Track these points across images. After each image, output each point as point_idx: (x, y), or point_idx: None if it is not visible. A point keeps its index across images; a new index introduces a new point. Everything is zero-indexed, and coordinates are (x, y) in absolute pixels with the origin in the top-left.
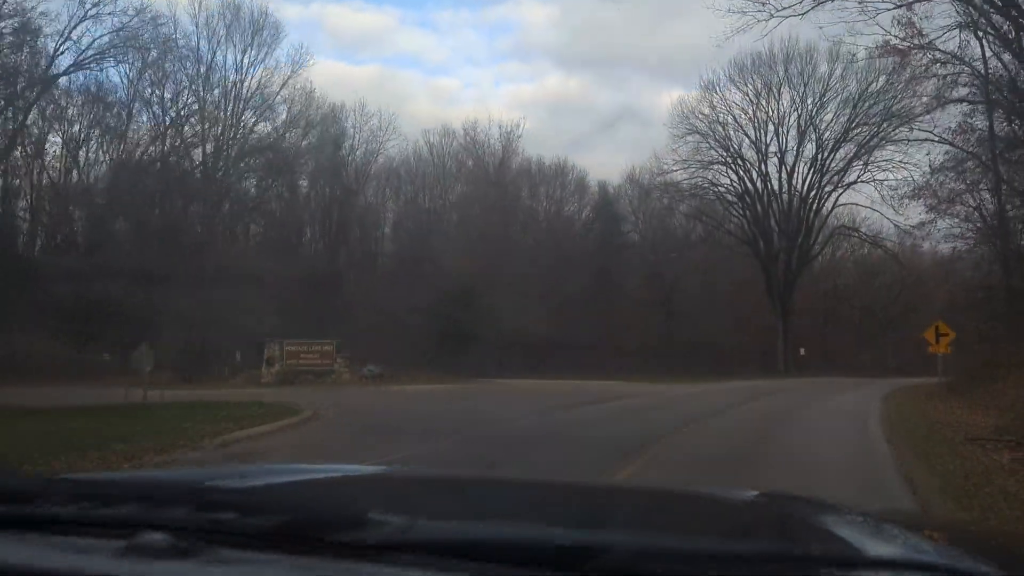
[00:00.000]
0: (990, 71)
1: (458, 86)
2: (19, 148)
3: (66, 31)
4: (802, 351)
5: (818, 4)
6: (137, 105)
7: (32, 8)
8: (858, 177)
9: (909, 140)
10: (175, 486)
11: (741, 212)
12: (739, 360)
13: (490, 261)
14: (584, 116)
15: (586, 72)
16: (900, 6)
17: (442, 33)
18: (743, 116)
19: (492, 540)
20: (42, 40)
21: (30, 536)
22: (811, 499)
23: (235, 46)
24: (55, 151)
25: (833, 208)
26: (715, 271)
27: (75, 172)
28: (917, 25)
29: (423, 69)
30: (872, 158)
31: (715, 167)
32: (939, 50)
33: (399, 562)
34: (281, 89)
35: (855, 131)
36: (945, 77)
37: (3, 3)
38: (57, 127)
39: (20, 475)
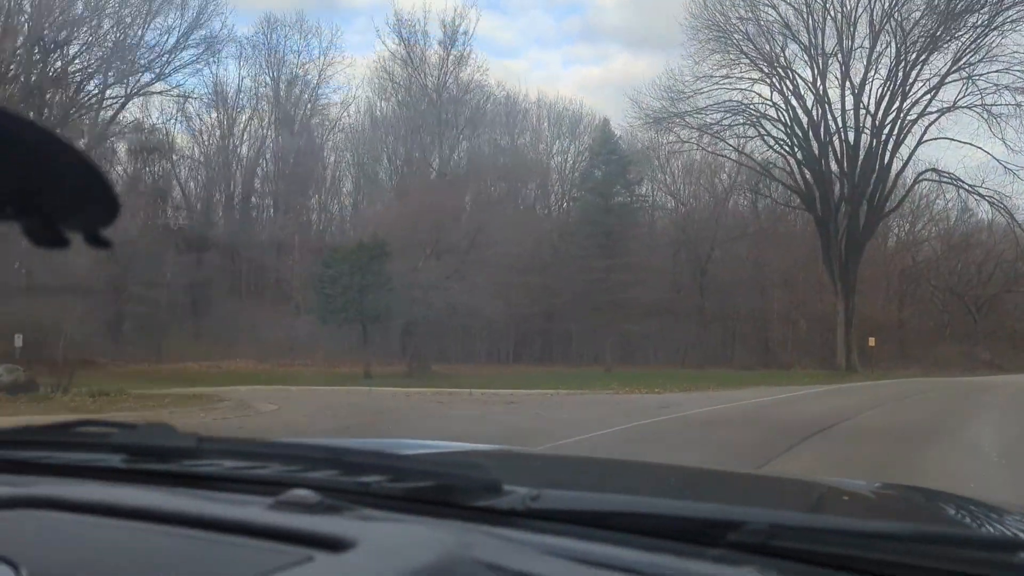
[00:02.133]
0: None
1: (525, 68)
2: None
3: None
4: (871, 341)
5: None
6: None
7: None
8: (958, 97)
9: None
10: (316, 448)
11: (790, 149)
12: (793, 350)
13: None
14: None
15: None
16: None
17: (511, 15)
18: (794, 12)
19: (621, 510)
20: None
21: (186, 490)
22: (934, 490)
23: None
24: None
25: (918, 144)
26: (764, 242)
27: None
28: None
29: (492, 51)
30: (979, 70)
31: (753, 85)
32: None
33: (531, 528)
34: None
35: (960, 24)
36: None
37: None
38: None
39: (175, 433)
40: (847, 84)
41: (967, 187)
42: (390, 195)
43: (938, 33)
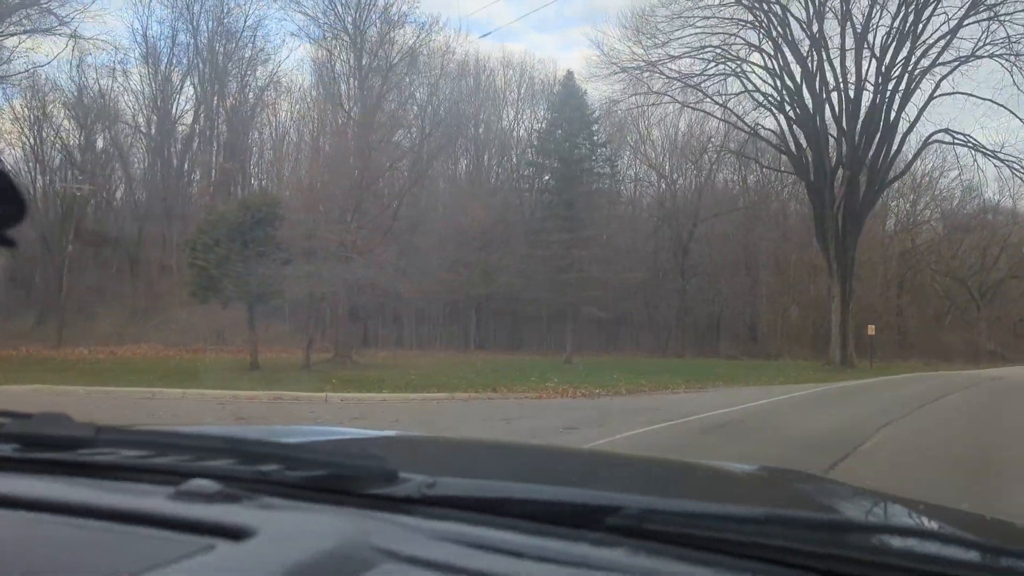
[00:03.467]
0: None
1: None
2: None
3: None
4: (871, 330)
5: None
6: None
7: None
8: (978, 45)
9: None
10: (219, 439)
11: (779, 105)
12: (782, 339)
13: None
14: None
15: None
16: None
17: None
18: None
19: (510, 497)
20: None
21: (84, 480)
22: (808, 473)
23: None
24: None
25: (929, 100)
26: (752, 220)
27: None
28: None
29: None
30: (1006, 9)
31: (739, 30)
32: None
33: (425, 514)
34: None
35: None
36: None
37: None
38: None
39: (71, 422)
40: (848, 26)
41: (985, 151)
42: (307, 154)
43: None
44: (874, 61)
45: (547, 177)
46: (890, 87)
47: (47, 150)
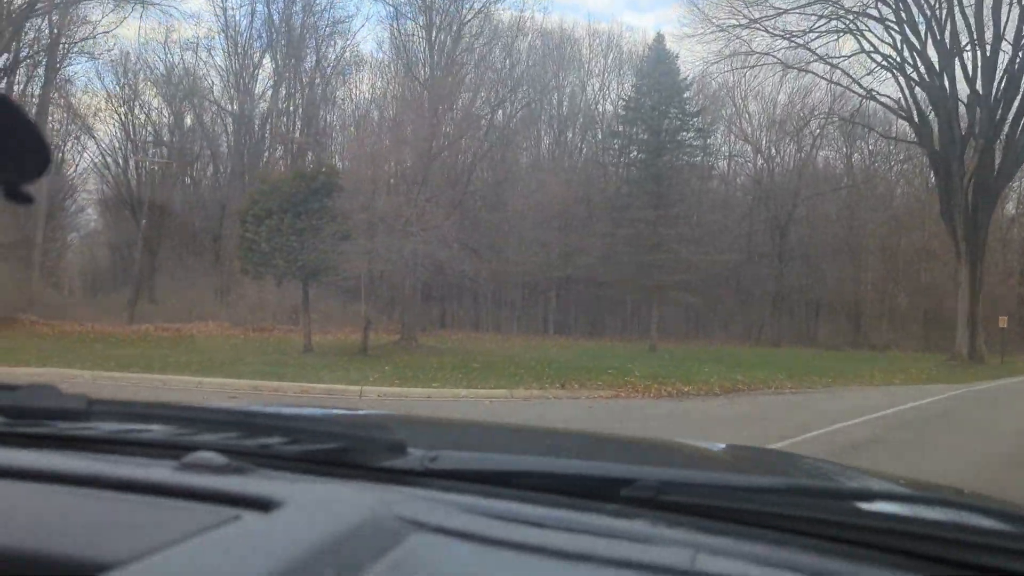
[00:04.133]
0: None
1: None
2: None
3: None
4: (1002, 321)
5: None
6: None
7: None
8: None
9: None
10: (215, 411)
11: (899, 64)
12: (889, 329)
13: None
14: None
15: None
16: None
17: None
18: None
19: (521, 470)
20: None
21: (78, 453)
22: (782, 451)
23: None
24: None
25: None
26: (858, 201)
27: None
28: None
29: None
30: None
31: None
32: None
33: (437, 487)
34: None
35: None
36: None
37: None
38: None
39: (61, 395)
40: None
41: None
42: (377, 125)
43: None
44: (1016, 8)
45: (633, 151)
46: None
47: (138, 128)
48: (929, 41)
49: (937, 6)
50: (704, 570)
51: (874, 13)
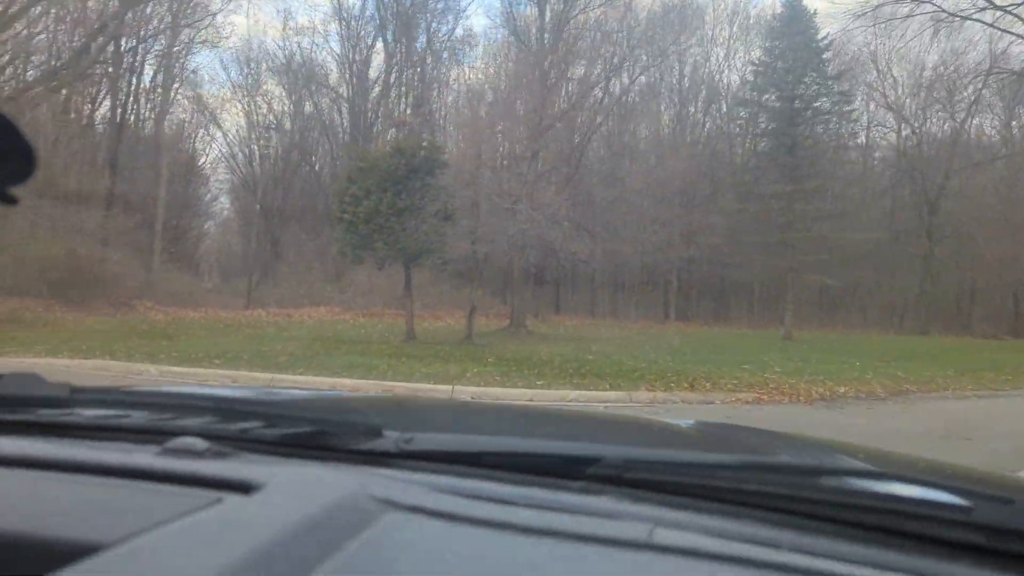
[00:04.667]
0: None
1: None
2: None
3: None
4: None
5: None
6: None
7: None
8: None
9: None
10: (195, 397)
11: None
12: None
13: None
14: None
15: None
16: None
17: None
18: None
19: (492, 451)
20: None
21: (61, 440)
22: (739, 425)
23: None
24: None
25: None
26: (1018, 172)
27: None
28: None
29: None
30: None
31: None
32: None
33: (415, 468)
34: None
35: None
36: None
37: None
38: None
39: (43, 383)
40: None
41: None
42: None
43: None
44: None
45: (763, 121)
46: None
47: (260, 118)
48: None
49: None
50: (660, 542)
51: None
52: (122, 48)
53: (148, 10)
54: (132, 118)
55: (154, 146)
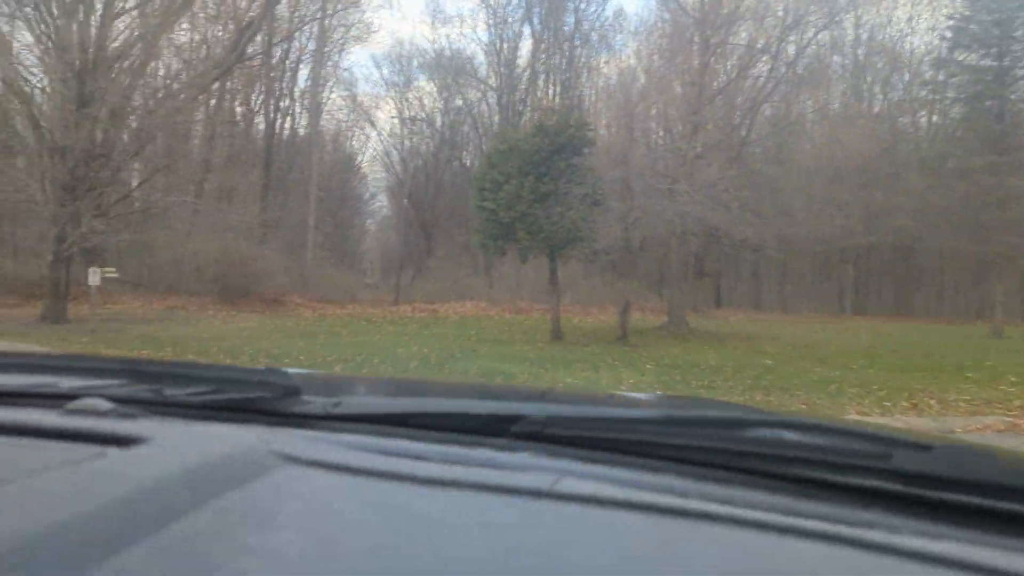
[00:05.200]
0: None
1: None
2: None
3: None
4: None
5: None
6: None
7: None
8: None
9: None
10: (109, 359)
11: None
12: None
13: None
14: None
15: None
16: None
17: None
18: None
19: (419, 412)
20: None
21: None
22: (712, 399)
23: None
24: None
25: None
26: None
27: None
28: None
29: None
30: None
31: None
32: None
33: (331, 428)
34: None
35: None
36: None
37: None
38: None
39: None
40: None
41: None
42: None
43: None
44: None
45: (958, 85)
46: None
47: (412, 114)
48: None
49: None
50: (562, 491)
51: None
52: (274, 47)
53: (297, 8)
54: (286, 117)
55: (307, 144)
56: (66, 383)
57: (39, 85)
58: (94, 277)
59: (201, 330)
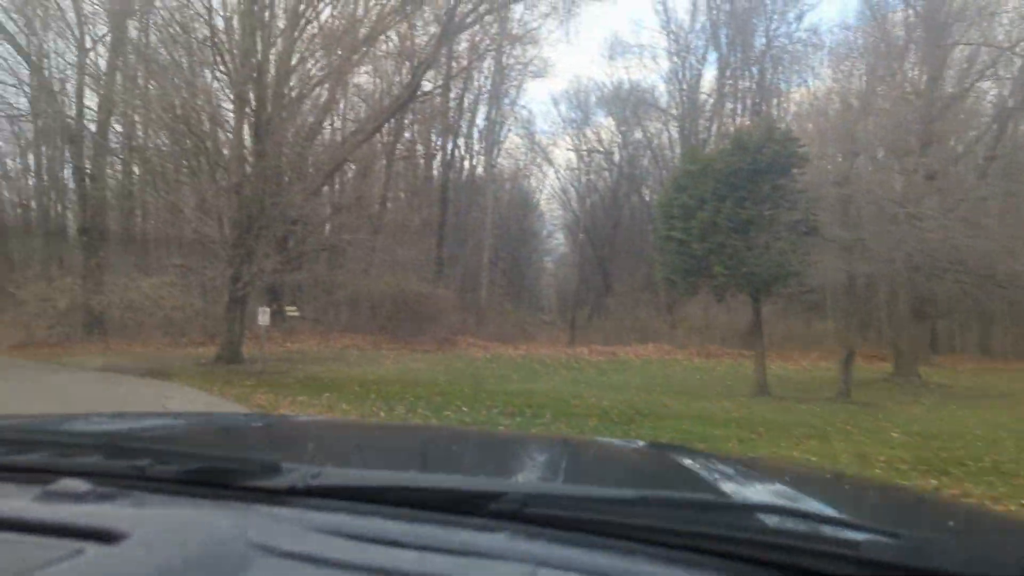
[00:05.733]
0: None
1: None
2: None
3: None
4: None
5: None
6: None
7: None
8: None
9: None
10: (86, 433)
11: None
12: None
13: None
14: None
15: None
16: None
17: None
18: None
19: (396, 486)
20: None
21: None
22: (691, 448)
23: None
24: None
25: None
26: None
27: None
28: None
29: None
30: None
31: None
32: None
33: (308, 506)
34: None
35: None
36: None
37: None
38: None
39: None
40: None
41: None
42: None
43: None
44: None
45: None
46: None
47: (589, 150)
48: None
49: None
50: None
51: None
52: (451, 82)
53: (475, 46)
54: (463, 155)
55: (484, 182)
56: (47, 457)
57: (221, 123)
58: (263, 317)
59: (367, 371)
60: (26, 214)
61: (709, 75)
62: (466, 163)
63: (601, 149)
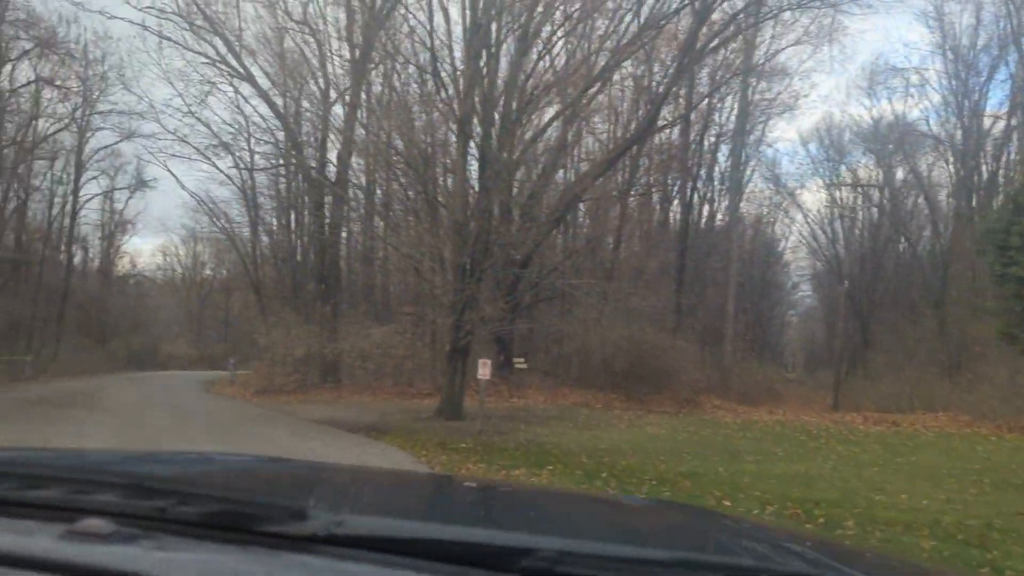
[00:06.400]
0: None
1: None
2: None
3: None
4: None
5: None
6: None
7: None
8: None
9: None
10: (112, 470)
11: None
12: None
13: None
14: None
15: None
16: None
17: None
18: None
19: (422, 537)
20: None
21: None
22: (701, 507)
23: None
24: None
25: None
26: None
27: None
28: None
29: None
30: None
31: None
32: None
33: (332, 555)
34: None
35: None
36: None
37: None
38: None
39: None
40: None
41: None
42: None
43: None
44: None
45: None
46: None
47: (846, 192)
48: None
49: None
50: None
51: None
52: (691, 125)
53: (713, 79)
54: (704, 199)
55: (728, 225)
56: (67, 494)
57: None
58: (483, 369)
59: (598, 436)
60: (277, 264)
61: (995, 97)
62: (705, 208)
63: (863, 183)
